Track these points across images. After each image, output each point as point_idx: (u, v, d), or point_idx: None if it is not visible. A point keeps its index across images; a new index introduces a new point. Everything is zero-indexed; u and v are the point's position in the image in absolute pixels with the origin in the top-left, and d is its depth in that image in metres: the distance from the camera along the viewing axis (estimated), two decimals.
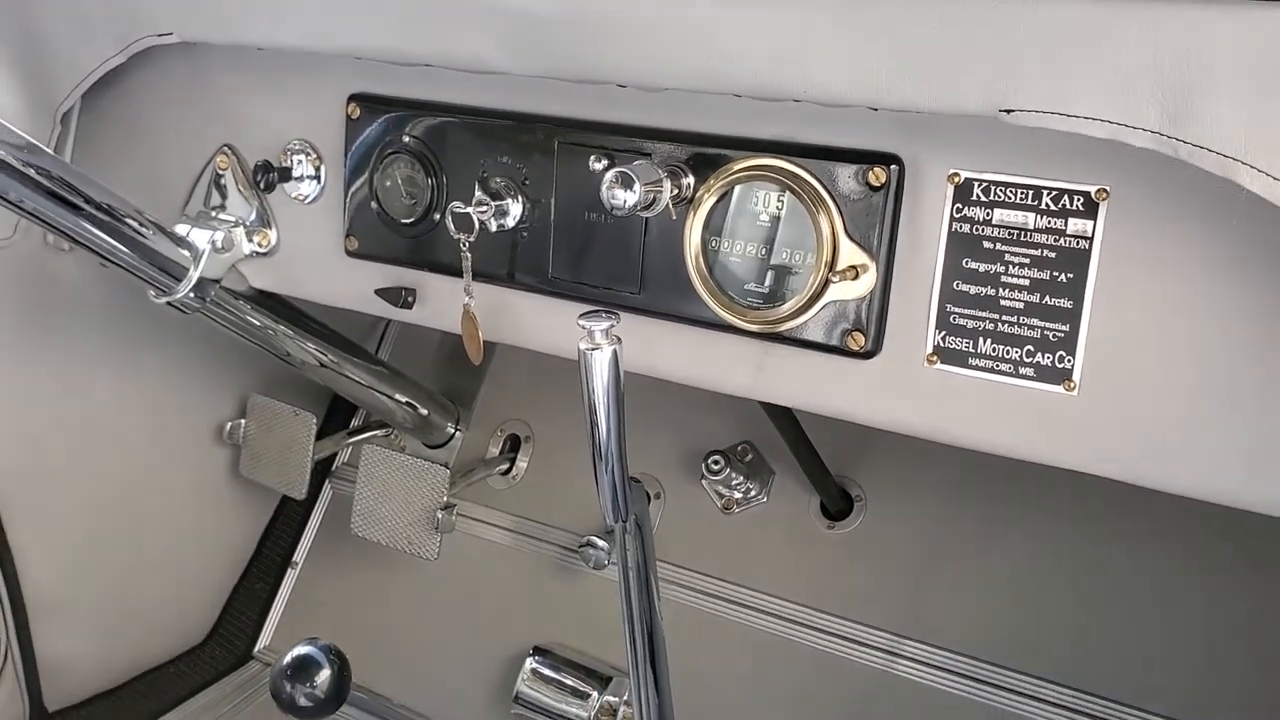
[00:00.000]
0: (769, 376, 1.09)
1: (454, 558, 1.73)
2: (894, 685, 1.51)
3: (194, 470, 1.78)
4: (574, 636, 1.68)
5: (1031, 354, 0.94)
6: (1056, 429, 0.95)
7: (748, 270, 1.04)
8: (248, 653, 1.87)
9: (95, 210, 1.19)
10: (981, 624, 1.49)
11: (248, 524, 1.90)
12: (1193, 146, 0.76)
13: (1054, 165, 0.91)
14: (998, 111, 0.83)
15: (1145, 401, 0.91)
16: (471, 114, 1.19)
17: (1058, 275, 0.92)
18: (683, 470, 1.70)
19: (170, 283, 1.30)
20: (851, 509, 1.61)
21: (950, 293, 0.97)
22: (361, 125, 1.25)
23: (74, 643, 1.65)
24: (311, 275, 1.34)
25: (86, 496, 1.63)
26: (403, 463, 1.64)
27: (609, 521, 1.05)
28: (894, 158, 0.97)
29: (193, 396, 1.75)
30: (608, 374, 0.94)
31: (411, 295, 1.26)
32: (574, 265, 1.15)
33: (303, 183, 1.31)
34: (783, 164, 1.01)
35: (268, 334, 1.46)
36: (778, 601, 1.60)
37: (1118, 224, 0.90)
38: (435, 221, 1.22)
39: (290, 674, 0.82)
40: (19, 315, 1.49)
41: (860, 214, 0.99)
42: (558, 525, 1.75)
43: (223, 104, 1.35)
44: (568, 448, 1.79)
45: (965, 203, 0.95)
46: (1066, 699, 1.42)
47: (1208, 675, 1.37)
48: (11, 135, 1.09)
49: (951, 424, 1.00)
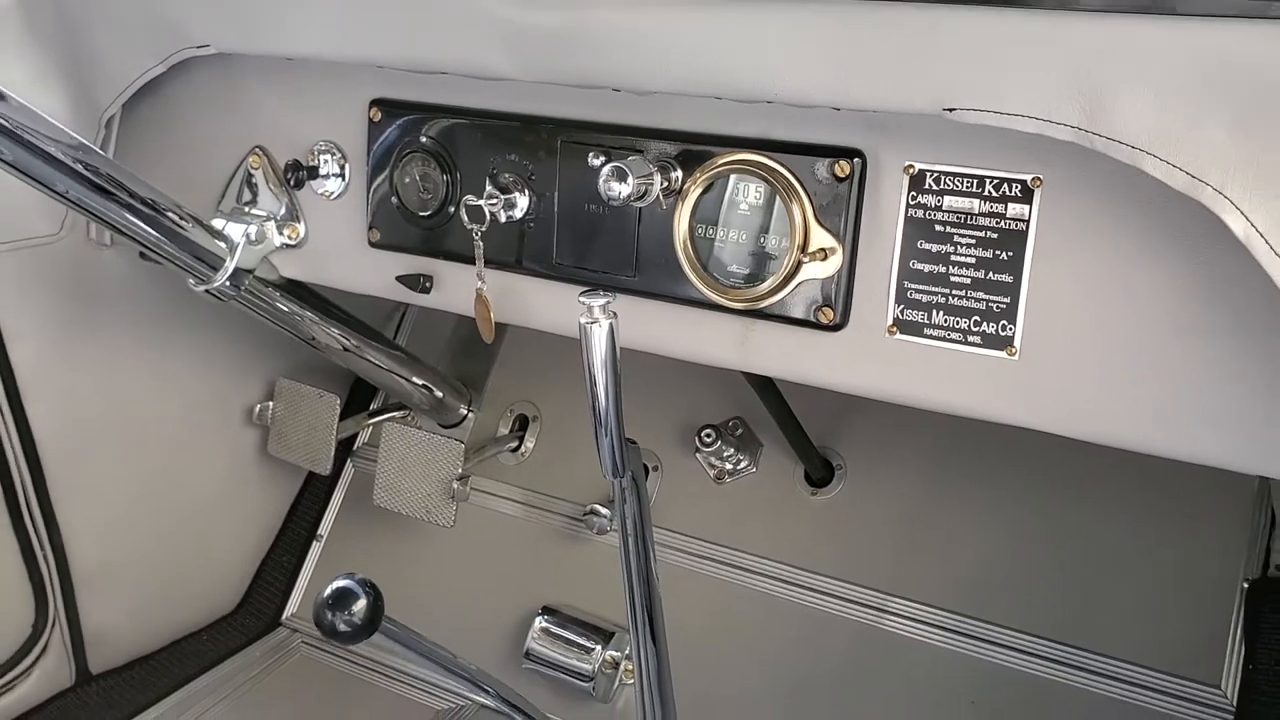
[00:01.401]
0: (751, 349, 1.16)
1: (468, 528, 1.81)
2: (878, 639, 1.59)
3: (226, 450, 1.83)
4: (579, 597, 1.74)
5: (978, 324, 1.03)
6: (1001, 390, 1.03)
7: (730, 254, 1.12)
8: (276, 620, 1.92)
9: (139, 204, 1.25)
10: (958, 580, 1.58)
11: (276, 500, 1.95)
12: (1106, 139, 0.86)
13: (995, 157, 0.99)
14: (942, 110, 0.92)
15: (1075, 364, 1.00)
16: (482, 116, 1.25)
17: (999, 254, 1.01)
18: (678, 444, 1.77)
19: (208, 272, 1.37)
20: (833, 477, 1.69)
21: (907, 270, 1.05)
22: (382, 127, 1.32)
23: (115, 611, 1.70)
24: (337, 264, 1.40)
25: (127, 475, 1.68)
26: (421, 438, 1.72)
27: (608, 477, 1.12)
28: (857, 152, 1.05)
29: (223, 381, 1.80)
30: (605, 345, 1.00)
31: (429, 281, 1.33)
32: (576, 252, 1.22)
33: (329, 180, 1.37)
34: (760, 158, 1.09)
35: (295, 320, 1.52)
36: (767, 563, 1.68)
37: (1050, 208, 0.98)
38: (450, 214, 1.28)
39: (331, 603, 0.92)
40: (65, 305, 1.54)
41: (828, 202, 1.07)
42: (563, 497, 1.82)
43: (254, 109, 1.41)
44: (571, 427, 1.86)
45: (919, 191, 1.03)
46: (1041, 648, 1.51)
47: (1167, 623, 1.45)
48: (64, 135, 1.15)
49: (911, 387, 1.08)
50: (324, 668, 1.84)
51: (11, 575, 1.57)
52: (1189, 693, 1.42)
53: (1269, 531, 1.44)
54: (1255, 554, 1.44)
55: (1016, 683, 1.50)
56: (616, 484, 1.14)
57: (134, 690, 1.73)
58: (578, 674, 1.66)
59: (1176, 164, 0.84)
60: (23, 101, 1.10)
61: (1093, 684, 1.47)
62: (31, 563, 1.58)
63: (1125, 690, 1.45)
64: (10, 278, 1.47)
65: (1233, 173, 0.82)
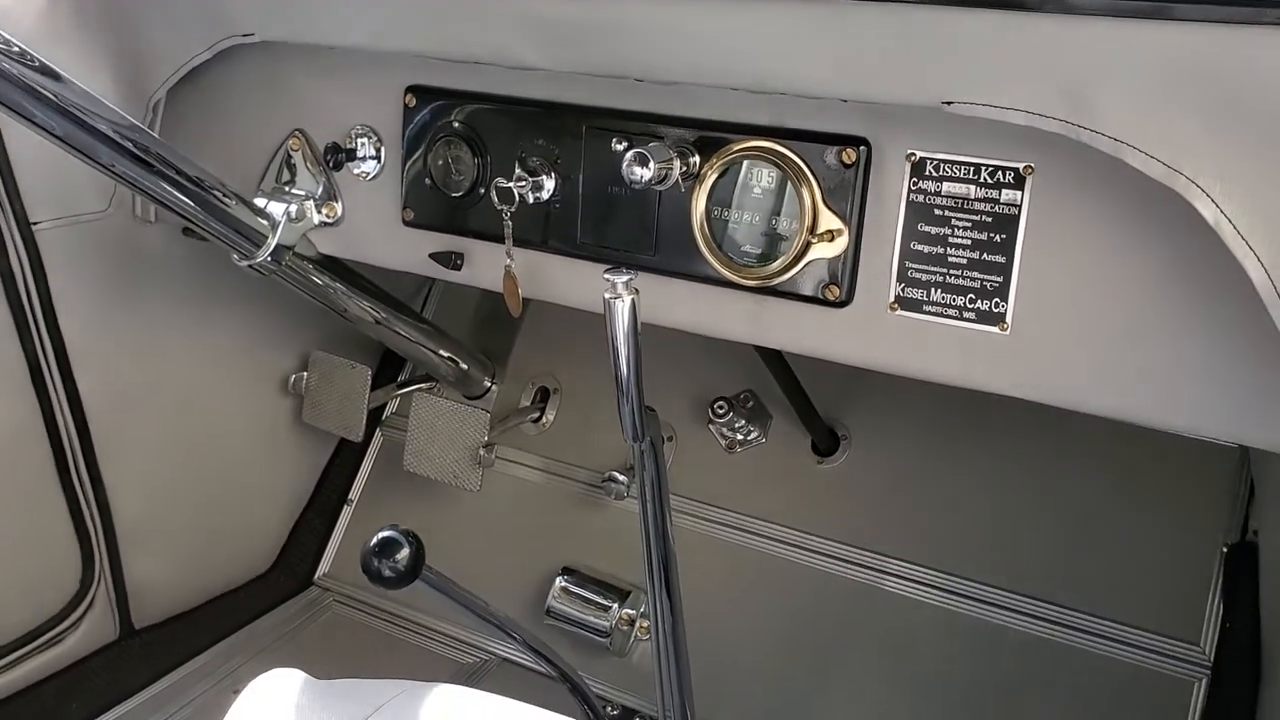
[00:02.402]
0: (762, 324, 1.20)
1: (492, 493, 1.87)
2: (878, 597, 1.64)
3: (262, 418, 1.87)
4: (596, 558, 1.79)
5: (973, 301, 1.08)
6: (993, 362, 1.08)
7: (744, 234, 1.16)
8: (308, 579, 1.97)
9: (187, 181, 1.28)
10: (954, 544, 1.62)
11: (309, 466, 1.99)
12: (1090, 132, 0.92)
13: (990, 147, 1.04)
14: (941, 103, 0.97)
15: (1062, 339, 1.05)
16: (512, 103, 1.29)
17: (993, 236, 1.05)
18: (692, 416, 1.81)
19: (251, 248, 1.39)
20: (838, 447, 1.74)
21: (908, 251, 1.10)
22: (417, 112, 1.35)
23: (156, 569, 1.74)
24: (373, 242, 1.44)
25: (168, 440, 1.72)
26: (449, 408, 1.78)
27: (629, 442, 1.14)
28: (863, 140, 1.10)
29: (260, 352, 1.83)
30: (628, 319, 1.03)
31: (460, 258, 1.37)
32: (599, 232, 1.26)
33: (365, 162, 1.41)
34: (773, 145, 1.13)
35: (330, 294, 1.55)
36: (775, 527, 1.73)
37: (1041, 194, 1.03)
38: (481, 195, 1.32)
39: (377, 551, 0.99)
40: (111, 278, 1.58)
41: (836, 187, 1.11)
42: (582, 465, 1.87)
43: (295, 94, 1.44)
44: (590, 399, 1.90)
45: (920, 177, 1.08)
46: (1031, 607, 1.56)
47: (1151, 584, 1.51)
48: (117, 116, 1.18)
49: (910, 360, 1.13)
50: (354, 625, 1.89)
51: (60, 533, 1.61)
52: (1170, 649, 1.48)
53: (1248, 500, 1.49)
54: (1235, 520, 1.50)
55: (1007, 639, 1.56)
56: (636, 448, 1.18)
57: (174, 644, 1.77)
58: (596, 630, 1.72)
59: (1154, 155, 0.90)
60: (77, 83, 1.14)
61: (1080, 641, 1.53)
62: (79, 522, 1.63)
63: (1110, 647, 1.51)
64: (61, 252, 1.51)
65: (1204, 164, 0.88)
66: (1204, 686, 1.45)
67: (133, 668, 1.72)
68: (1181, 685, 1.46)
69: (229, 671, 1.76)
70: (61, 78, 1.12)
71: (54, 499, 1.59)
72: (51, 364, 1.54)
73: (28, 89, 1.09)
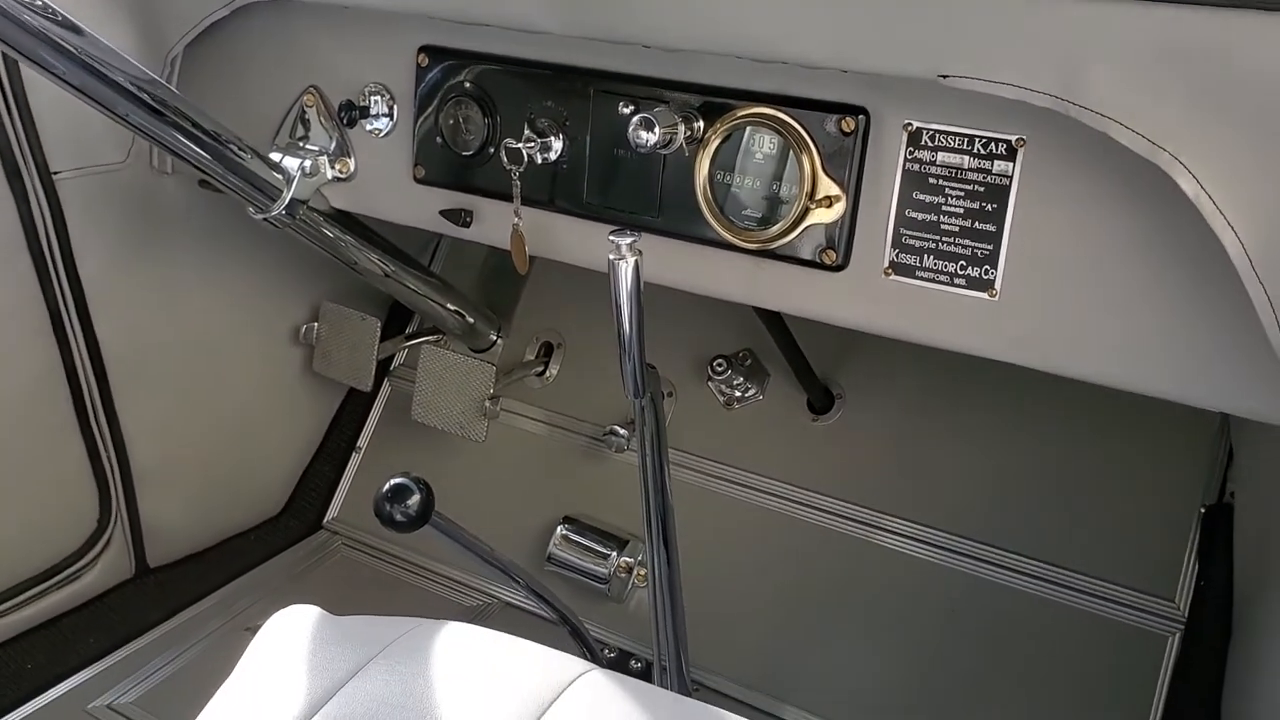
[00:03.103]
0: (761, 286, 1.23)
1: (496, 444, 1.89)
2: (872, 553, 1.67)
3: (273, 366, 1.90)
4: (597, 508, 1.82)
5: (964, 267, 1.10)
6: (982, 327, 1.11)
7: (745, 199, 1.18)
8: (317, 523, 2.00)
9: (203, 135, 1.29)
10: (943, 500, 1.66)
11: (318, 414, 2.02)
12: (1079, 107, 0.94)
13: (984, 119, 1.06)
14: (937, 75, 1.00)
15: (1048, 306, 1.07)
16: (522, 65, 1.30)
17: (985, 206, 1.08)
18: (692, 373, 1.84)
19: (266, 201, 1.41)
20: (833, 405, 1.76)
21: (903, 218, 1.12)
22: (429, 72, 1.36)
23: (171, 510, 1.78)
24: (384, 198, 1.46)
25: (183, 386, 1.75)
26: (456, 360, 1.80)
27: (630, 398, 1.20)
28: (862, 109, 1.12)
29: (272, 303, 1.85)
30: (631, 280, 1.08)
31: (469, 216, 1.39)
32: (604, 193, 1.28)
33: (378, 119, 1.42)
34: (774, 112, 1.15)
35: (341, 247, 1.57)
36: (771, 482, 1.76)
37: (1031, 166, 1.05)
38: (490, 154, 1.34)
39: (389, 497, 1.03)
40: (129, 227, 1.60)
41: (834, 154, 1.13)
42: (584, 418, 1.89)
43: (309, 52, 1.45)
44: (593, 355, 1.92)
45: (916, 147, 1.10)
46: (1015, 563, 1.60)
47: (1130, 542, 1.55)
48: (136, 69, 1.19)
49: (903, 323, 1.16)
50: (361, 567, 1.92)
51: (79, 474, 1.65)
52: (1147, 605, 1.52)
53: (1226, 463, 1.53)
54: (1213, 483, 1.54)
55: (991, 594, 1.59)
56: (637, 404, 1.23)
57: (187, 583, 1.81)
58: (594, 576, 1.76)
59: (1139, 131, 0.92)
60: (97, 37, 1.15)
61: (1062, 595, 1.56)
62: (97, 463, 1.66)
63: (1091, 602, 1.55)
64: (80, 201, 1.53)
65: (1186, 141, 0.91)
66: (1178, 640, 1.49)
67: (147, 605, 1.76)
68: (1157, 639, 1.51)
69: (240, 610, 1.79)
70: (83, 31, 1.14)
71: (73, 442, 1.63)
72: (71, 311, 1.57)
73: (50, 42, 1.12)
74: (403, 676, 0.80)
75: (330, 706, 0.78)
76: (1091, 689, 1.51)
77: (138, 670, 1.65)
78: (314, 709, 0.78)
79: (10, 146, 1.45)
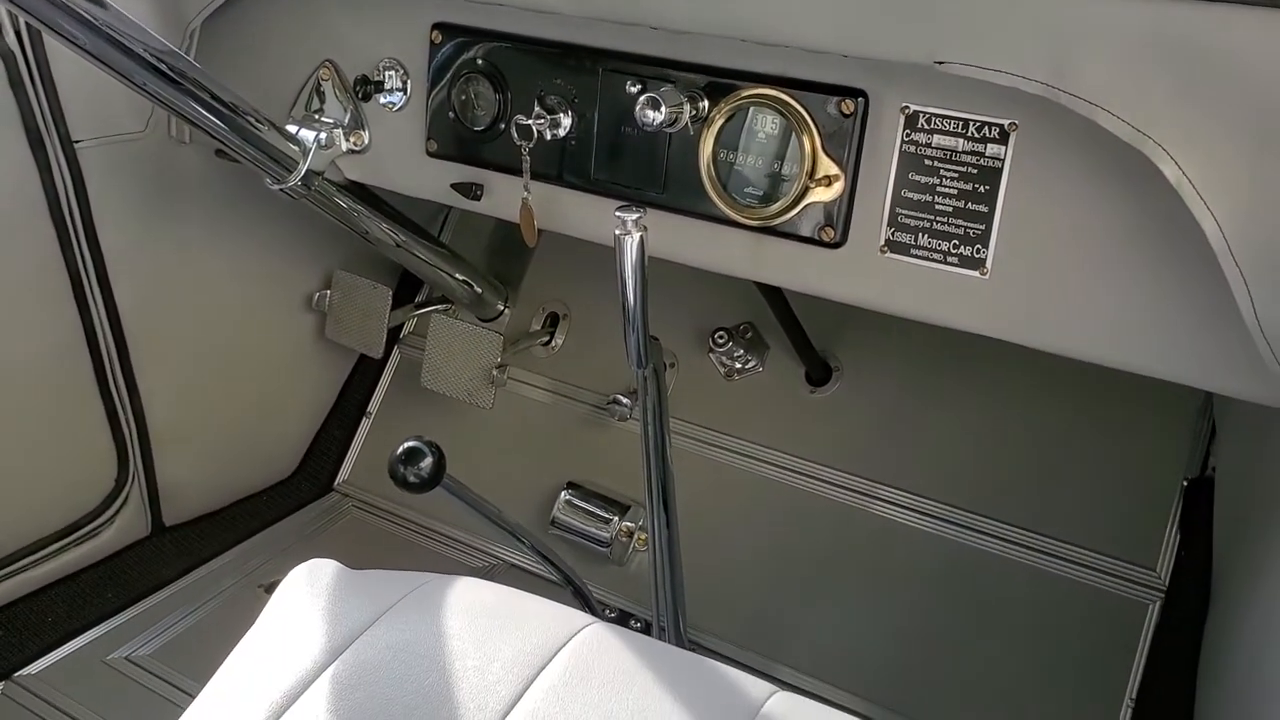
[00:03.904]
0: (762, 261, 1.26)
1: (503, 411, 1.93)
2: (867, 520, 1.71)
3: (287, 333, 1.93)
4: (599, 474, 1.86)
5: (957, 246, 1.13)
6: (974, 304, 1.14)
7: (747, 177, 1.21)
8: (328, 485, 2.04)
9: (221, 106, 1.31)
10: (938, 472, 1.69)
11: (330, 379, 2.05)
12: (1068, 95, 0.98)
13: (978, 103, 1.09)
14: (933, 62, 1.03)
15: (1037, 285, 1.11)
16: (533, 43, 1.33)
17: (977, 187, 1.11)
18: (694, 344, 1.87)
19: (282, 172, 1.43)
20: (830, 378, 1.80)
21: (899, 198, 1.15)
22: (442, 48, 1.39)
23: (186, 471, 1.82)
24: (397, 170, 1.48)
25: (199, 351, 1.79)
26: (465, 329, 1.84)
27: (633, 369, 1.23)
28: (861, 92, 1.14)
29: (286, 270, 1.89)
30: (636, 255, 1.11)
31: (479, 189, 1.41)
32: (611, 169, 1.30)
33: (392, 94, 1.45)
34: (777, 94, 1.18)
35: (353, 217, 1.59)
36: (769, 451, 1.80)
37: (1023, 150, 1.08)
38: (501, 130, 1.36)
39: (403, 459, 1.08)
40: (147, 195, 1.63)
41: (834, 135, 1.16)
42: (588, 387, 1.93)
43: (326, 27, 1.48)
44: (597, 326, 1.95)
45: (913, 129, 1.13)
46: (1004, 531, 1.64)
47: (1115, 513, 1.59)
48: (156, 41, 1.22)
49: (897, 299, 1.19)
50: (371, 528, 1.96)
51: (98, 435, 1.68)
52: (1129, 573, 1.57)
53: (1209, 438, 1.57)
54: (1196, 457, 1.58)
55: (980, 560, 1.63)
56: (640, 374, 1.26)
57: (201, 541, 1.85)
58: (597, 540, 1.80)
59: (1124, 118, 0.96)
60: (119, 9, 1.18)
61: (1048, 563, 1.61)
62: (115, 425, 1.69)
63: (1076, 570, 1.59)
64: (101, 170, 1.56)
65: (1169, 129, 0.95)
66: (1158, 607, 1.54)
67: (163, 562, 1.80)
68: (1138, 606, 1.55)
69: (253, 568, 1.83)
70: (106, 4, 1.17)
71: (93, 404, 1.67)
72: (91, 277, 1.60)
73: (73, 14, 1.14)
74: (416, 626, 0.85)
75: (349, 654, 0.83)
76: (1076, 651, 1.56)
77: (154, 625, 1.70)
78: (334, 655, 0.83)
79: (34, 116, 1.48)
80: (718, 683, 0.83)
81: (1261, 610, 1.20)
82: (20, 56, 1.46)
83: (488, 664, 0.80)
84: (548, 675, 0.80)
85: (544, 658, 0.81)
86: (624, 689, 0.78)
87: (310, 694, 0.79)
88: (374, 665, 0.80)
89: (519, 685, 0.78)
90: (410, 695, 0.77)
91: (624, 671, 0.80)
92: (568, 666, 0.81)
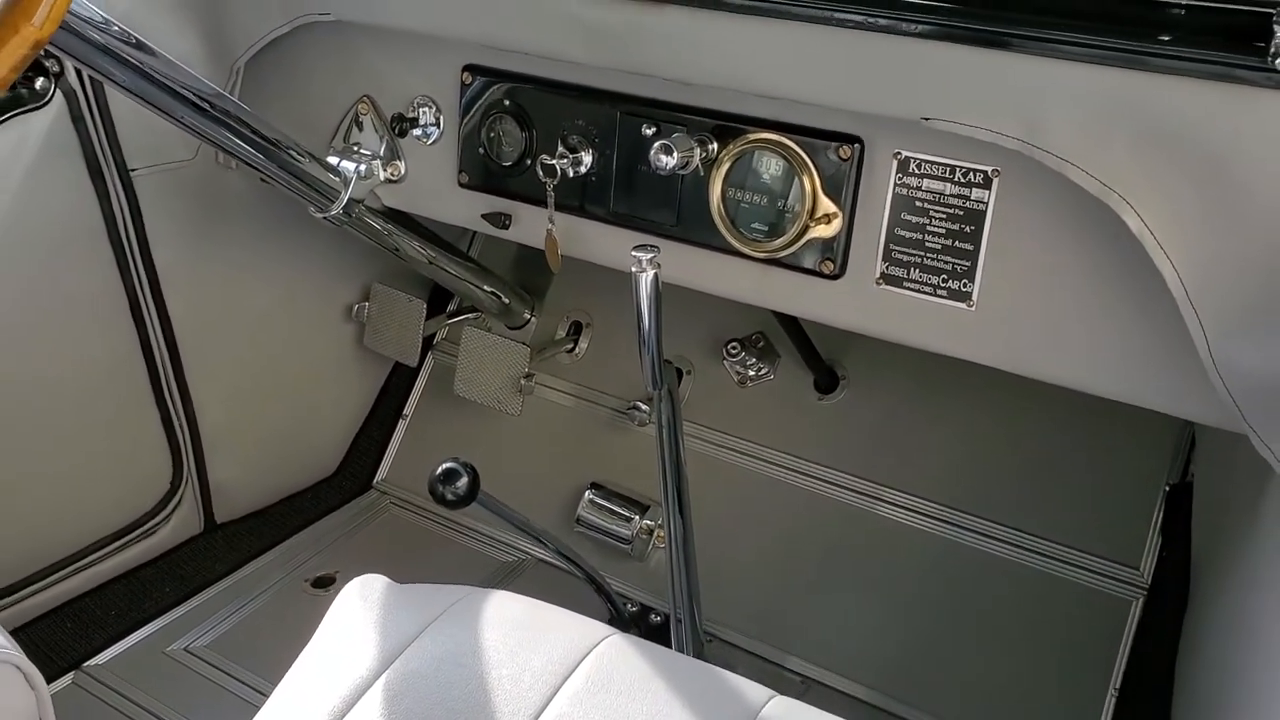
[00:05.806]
0: (768, 290, 1.33)
1: (530, 415, 2.00)
2: (868, 519, 1.78)
3: (328, 341, 2.01)
4: (621, 476, 1.93)
5: (945, 280, 1.20)
6: (961, 333, 1.21)
7: (754, 213, 1.28)
8: (368, 483, 2.12)
9: (265, 142, 1.39)
10: (936, 476, 1.76)
11: (368, 384, 2.13)
12: (1041, 150, 1.06)
13: (964, 151, 1.16)
14: (920, 118, 1.12)
15: (1019, 317, 1.18)
16: (557, 87, 1.39)
17: (964, 227, 1.18)
18: (708, 353, 1.94)
19: (325, 202, 1.51)
20: (837, 386, 1.85)
21: (893, 235, 1.22)
22: (473, 88, 1.46)
23: (236, 471, 1.89)
24: (432, 199, 1.55)
25: (247, 359, 1.86)
26: (495, 341, 1.92)
27: (649, 389, 1.33)
28: (858, 139, 1.21)
29: (326, 284, 1.96)
30: (650, 288, 1.20)
31: (508, 219, 1.49)
32: (630, 203, 1.38)
33: (426, 128, 1.52)
34: (780, 138, 1.25)
35: (388, 237, 1.67)
36: (779, 455, 1.86)
37: (1005, 194, 1.15)
38: (527, 165, 1.42)
39: (441, 479, 1.19)
40: (197, 217, 1.71)
41: (833, 177, 1.23)
42: (610, 393, 1.99)
43: (364, 66, 1.55)
44: (618, 335, 2.01)
45: (905, 174, 1.20)
46: (997, 531, 1.71)
47: (1102, 515, 1.67)
48: (202, 84, 1.30)
49: (892, 327, 1.27)
50: (408, 525, 2.04)
51: (154, 439, 1.76)
52: (1114, 571, 1.65)
53: (1189, 448, 1.64)
54: (1177, 465, 1.65)
55: (975, 559, 1.71)
56: (655, 393, 1.35)
57: (250, 538, 1.93)
58: (619, 538, 1.87)
59: (1090, 173, 1.04)
60: (168, 56, 1.27)
61: (1038, 562, 1.68)
62: (170, 430, 1.77)
63: (1064, 569, 1.67)
64: (154, 195, 1.64)
65: (1131, 184, 1.03)
66: (1141, 604, 1.62)
67: (216, 557, 1.89)
68: (1122, 603, 1.63)
69: (300, 563, 1.92)
70: (155, 52, 1.25)
71: (149, 411, 1.75)
72: (147, 294, 1.68)
73: (125, 62, 1.23)
74: (456, 638, 0.97)
75: (398, 664, 0.95)
76: (1063, 646, 1.64)
77: (209, 617, 1.79)
78: (385, 665, 0.95)
79: (93, 147, 1.58)
80: (722, 688, 0.94)
81: (1233, 606, 1.28)
82: (80, 94, 1.56)
83: (520, 673, 0.92)
84: (572, 683, 0.92)
85: (568, 667, 0.93)
86: (640, 695, 0.90)
87: (365, 700, 0.91)
88: (421, 675, 0.92)
89: (547, 692, 0.90)
90: (454, 701, 0.89)
91: (639, 679, 0.91)
92: (589, 675, 0.93)
